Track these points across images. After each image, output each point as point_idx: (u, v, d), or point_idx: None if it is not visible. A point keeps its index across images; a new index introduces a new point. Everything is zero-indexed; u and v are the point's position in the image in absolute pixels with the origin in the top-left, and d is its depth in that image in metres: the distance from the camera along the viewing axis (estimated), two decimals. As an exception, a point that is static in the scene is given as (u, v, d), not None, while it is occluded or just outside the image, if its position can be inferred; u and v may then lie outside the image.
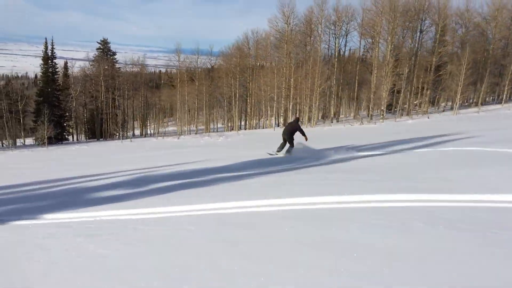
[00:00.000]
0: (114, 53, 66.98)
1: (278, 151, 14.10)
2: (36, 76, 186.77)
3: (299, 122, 14.45)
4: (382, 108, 40.57)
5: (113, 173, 12.27)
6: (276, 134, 34.44)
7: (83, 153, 28.37)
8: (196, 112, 57.65)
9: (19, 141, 59.88)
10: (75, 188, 9.77)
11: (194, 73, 56.67)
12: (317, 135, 25.66)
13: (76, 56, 73.69)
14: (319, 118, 48.88)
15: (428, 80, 41.94)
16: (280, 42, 45.06)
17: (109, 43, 67.28)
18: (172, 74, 60.77)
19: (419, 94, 43.71)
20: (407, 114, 42.49)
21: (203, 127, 64.60)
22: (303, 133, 13.81)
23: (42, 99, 52.39)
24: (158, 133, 74.00)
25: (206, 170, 11.38)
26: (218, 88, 58.44)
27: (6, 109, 57.13)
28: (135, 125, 72.50)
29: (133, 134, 67.36)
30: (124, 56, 76.53)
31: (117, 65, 66.59)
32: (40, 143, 46.91)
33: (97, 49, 66.99)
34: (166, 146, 27.70)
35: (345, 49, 47.34)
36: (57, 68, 54.48)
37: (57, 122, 51.72)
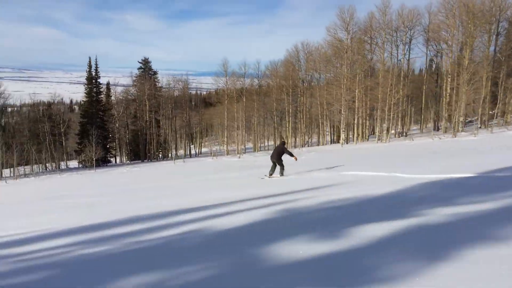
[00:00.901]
0: (155, 72, 65.04)
1: (270, 174, 14.68)
2: (71, 102, 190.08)
3: (285, 145, 15.18)
4: (461, 120, 36.15)
5: (229, 204, 8.75)
6: (348, 151, 30.57)
7: (141, 175, 25.29)
8: (243, 131, 54.33)
9: (62, 164, 58.15)
10: (215, 230, 6.22)
11: (241, 91, 53.75)
12: (426, 151, 21.63)
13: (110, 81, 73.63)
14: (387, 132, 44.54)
15: (515, 86, 37.21)
16: (339, 52, 41.44)
17: (150, 62, 65.51)
18: (219, 92, 57.62)
19: (499, 103, 39.00)
20: (486, 125, 37.86)
21: (249, 145, 61.33)
22: (290, 154, 14.69)
23: (86, 120, 50.37)
24: (201, 152, 71.25)
25: (379, 199, 7.69)
26: (264, 105, 55.23)
27: (49, 132, 55.73)
28: (178, 146, 69.92)
29: (176, 155, 64.67)
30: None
31: (159, 85, 64.43)
32: (88, 165, 44.46)
33: (139, 68, 65.32)
34: (234, 166, 24.21)
35: (408, 57, 43.22)
36: (101, 88, 52.56)
37: (101, 144, 49.49)
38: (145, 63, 65.09)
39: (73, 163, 64.99)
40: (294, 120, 53.78)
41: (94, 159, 41.35)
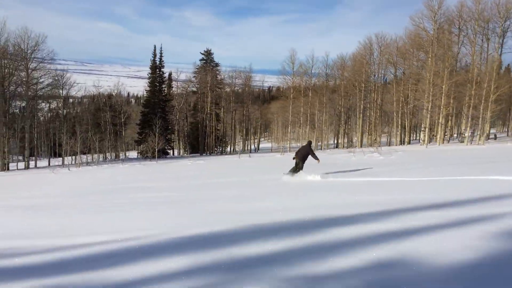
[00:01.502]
0: (217, 64, 63.38)
1: (290, 173, 13.98)
2: (128, 95, 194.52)
3: (311, 146, 14.80)
4: None
5: (388, 214, 6.02)
6: (438, 152, 26.86)
7: (210, 168, 23.13)
8: (307, 127, 51.24)
9: (121, 154, 57.94)
10: (433, 265, 3.50)
11: (308, 85, 50.77)
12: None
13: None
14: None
15: None
16: (424, 44, 37.52)
17: (212, 53, 64.01)
18: (282, 87, 54.41)
19: None
20: None
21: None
22: (315, 156, 14.07)
23: (148, 110, 49.33)
24: (259, 148, 69.02)
25: None
26: (330, 101, 51.90)
27: (109, 121, 55.54)
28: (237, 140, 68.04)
29: (234, 149, 62.86)
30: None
31: (219, 77, 62.49)
32: (149, 155, 43.19)
33: (201, 60, 64.02)
34: (310, 163, 21.41)
35: (501, 51, 38.35)
36: (165, 77, 51.37)
37: (163, 135, 48.18)
38: (208, 54, 63.69)
39: (132, 154, 64.88)
40: (362, 117, 50.27)
41: (156, 149, 39.96)
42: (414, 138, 51.28)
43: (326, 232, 5.17)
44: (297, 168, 14.05)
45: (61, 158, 49.01)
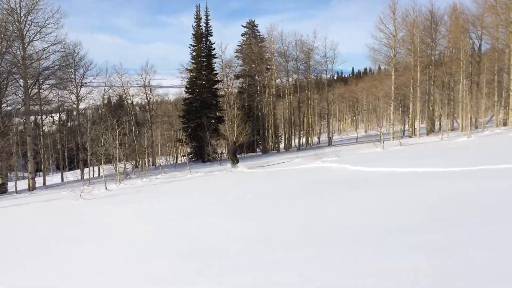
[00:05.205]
0: (263, 39, 48.86)
1: (233, 167, 19.86)
2: (132, 103, 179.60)
3: (236, 144, 23.42)
4: None
5: None
6: None
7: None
8: (378, 113, 36.93)
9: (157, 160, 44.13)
10: None
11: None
12: None
13: (168, 84, 60.86)
14: None
15: None
16: None
17: (257, 25, 49.94)
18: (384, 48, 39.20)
19: None
20: None
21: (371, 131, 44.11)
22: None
23: (193, 97, 35.25)
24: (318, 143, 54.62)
25: None
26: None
27: (134, 120, 41.73)
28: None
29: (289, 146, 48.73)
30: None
31: (267, 55, 47.74)
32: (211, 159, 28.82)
33: (243, 34, 49.94)
34: None
35: None
36: (214, 49, 37.01)
37: (214, 130, 34.01)
38: (251, 26, 49.74)
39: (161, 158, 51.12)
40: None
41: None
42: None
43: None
44: (233, 162, 20.22)
45: (79, 171, 35.14)
